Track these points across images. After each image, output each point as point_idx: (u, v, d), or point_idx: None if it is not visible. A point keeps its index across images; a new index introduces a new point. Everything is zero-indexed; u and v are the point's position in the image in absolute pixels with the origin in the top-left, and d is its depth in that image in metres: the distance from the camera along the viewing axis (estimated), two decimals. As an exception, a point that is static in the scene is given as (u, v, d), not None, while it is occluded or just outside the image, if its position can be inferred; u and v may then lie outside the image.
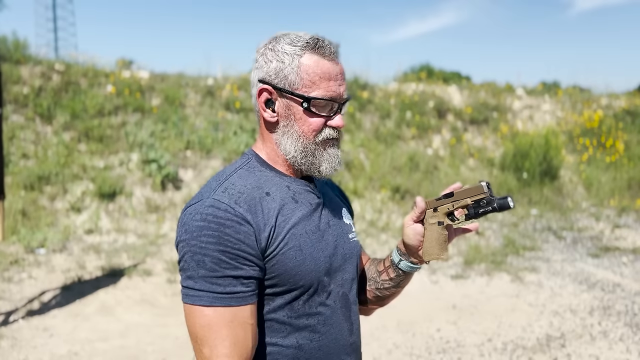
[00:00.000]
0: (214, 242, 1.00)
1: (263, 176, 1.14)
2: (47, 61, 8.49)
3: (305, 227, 1.12)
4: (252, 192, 1.08)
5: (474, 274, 5.32)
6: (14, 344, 3.68)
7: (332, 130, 1.12)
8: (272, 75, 1.11)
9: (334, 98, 1.10)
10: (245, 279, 1.02)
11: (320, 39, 1.11)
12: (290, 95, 1.10)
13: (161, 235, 6.19)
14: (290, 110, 1.11)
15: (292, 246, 1.08)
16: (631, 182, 8.76)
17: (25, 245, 5.50)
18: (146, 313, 4.29)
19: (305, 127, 1.11)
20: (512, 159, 8.78)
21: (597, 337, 3.89)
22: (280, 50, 1.11)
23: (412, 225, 1.22)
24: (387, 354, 3.63)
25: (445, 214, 1.18)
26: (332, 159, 1.14)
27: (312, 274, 1.10)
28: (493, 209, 1.13)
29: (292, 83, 1.09)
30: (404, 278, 1.29)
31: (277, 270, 1.06)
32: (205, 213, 1.02)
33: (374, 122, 9.31)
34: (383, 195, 7.63)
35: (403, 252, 1.26)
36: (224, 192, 1.06)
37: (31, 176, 6.50)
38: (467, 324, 4.15)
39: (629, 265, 5.63)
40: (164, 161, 7.07)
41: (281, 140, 1.14)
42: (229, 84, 9.08)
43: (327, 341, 1.13)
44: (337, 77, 1.10)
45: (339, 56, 1.13)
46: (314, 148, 1.12)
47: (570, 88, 12.71)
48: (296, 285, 1.08)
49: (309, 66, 1.09)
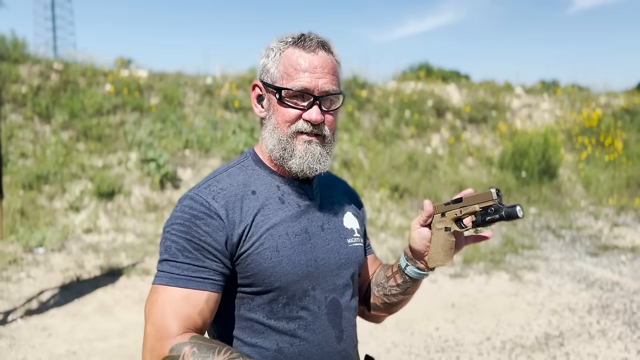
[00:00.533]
0: (183, 231, 1.04)
1: (254, 175, 1.14)
2: (46, 60, 8.48)
3: (287, 228, 1.10)
4: (235, 189, 1.10)
5: (472, 273, 5.33)
6: (13, 343, 3.67)
7: (305, 123, 1.10)
8: (261, 72, 1.14)
9: (307, 89, 1.08)
10: (206, 268, 1.04)
11: (307, 35, 1.12)
12: (270, 88, 1.12)
13: (160, 235, 6.18)
14: (271, 102, 1.12)
15: (268, 246, 1.07)
16: (630, 181, 8.77)
17: (24, 244, 5.50)
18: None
19: (279, 117, 1.11)
20: (510, 157, 8.78)
21: (595, 336, 3.90)
22: (269, 47, 1.13)
23: (419, 229, 1.19)
24: (386, 352, 3.63)
25: (453, 219, 1.15)
26: (305, 155, 1.11)
27: (289, 277, 1.08)
28: (501, 217, 1.10)
29: (272, 76, 1.11)
30: (411, 285, 1.25)
31: (251, 269, 1.06)
32: (184, 205, 1.07)
33: (372, 121, 9.31)
34: (382, 194, 7.63)
35: (410, 257, 1.23)
36: (206, 188, 1.09)
37: (30, 175, 6.49)
38: (465, 323, 4.15)
39: (628, 263, 5.64)
40: (162, 160, 7.06)
41: (265, 134, 1.15)
42: (227, 83, 9.08)
43: (309, 347, 1.11)
44: (315, 69, 1.09)
45: (328, 51, 1.12)
46: (285, 140, 1.11)
47: (569, 87, 12.71)
48: (272, 286, 1.07)
49: (287, 59, 1.10)
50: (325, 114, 1.11)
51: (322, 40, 1.12)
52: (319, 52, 1.10)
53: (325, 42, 1.12)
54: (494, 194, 1.12)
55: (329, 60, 1.11)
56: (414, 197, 7.67)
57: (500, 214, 1.10)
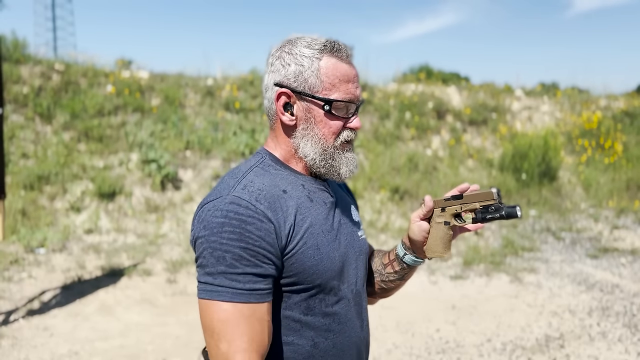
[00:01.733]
0: (236, 239, 0.99)
1: (278, 175, 1.14)
2: (47, 61, 8.49)
3: (321, 226, 1.12)
4: (270, 189, 1.08)
5: (473, 275, 5.34)
6: (15, 343, 3.68)
7: (350, 132, 1.14)
8: (290, 79, 1.11)
9: (353, 100, 1.12)
10: (264, 277, 1.02)
11: (336, 42, 1.13)
12: (310, 99, 1.10)
13: (161, 235, 6.19)
14: (310, 113, 1.12)
15: (311, 245, 1.08)
16: (630, 183, 8.78)
17: (25, 244, 5.51)
18: (146, 313, 4.29)
19: (325, 129, 1.12)
20: (511, 159, 8.79)
21: (595, 338, 3.91)
22: (299, 54, 1.11)
23: (419, 222, 1.24)
24: (387, 353, 3.64)
25: (453, 215, 1.20)
26: (350, 162, 1.15)
27: (328, 273, 1.11)
28: (500, 217, 1.15)
29: (312, 86, 1.10)
30: (408, 271, 1.31)
31: (295, 268, 1.07)
32: (226, 210, 1.01)
33: (373, 123, 9.32)
34: (382, 195, 7.64)
35: (408, 247, 1.28)
36: (243, 189, 1.05)
37: (31, 176, 6.50)
38: (466, 324, 4.16)
39: (628, 266, 5.65)
40: (163, 161, 7.07)
41: (300, 143, 1.14)
42: (228, 84, 9.09)
43: (341, 338, 1.15)
44: (354, 79, 1.12)
45: (353, 59, 1.15)
46: (332, 151, 1.13)
47: (569, 89, 12.73)
48: (313, 283, 1.09)
49: (328, 69, 1.10)
50: None
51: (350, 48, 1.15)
52: (352, 61, 1.14)
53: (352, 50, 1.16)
54: (494, 193, 1.16)
55: (356, 68, 1.16)
56: (414, 199, 7.68)
57: (501, 213, 1.14)
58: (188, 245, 5.88)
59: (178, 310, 4.35)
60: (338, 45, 1.12)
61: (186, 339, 3.80)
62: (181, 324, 4.07)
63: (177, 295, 4.65)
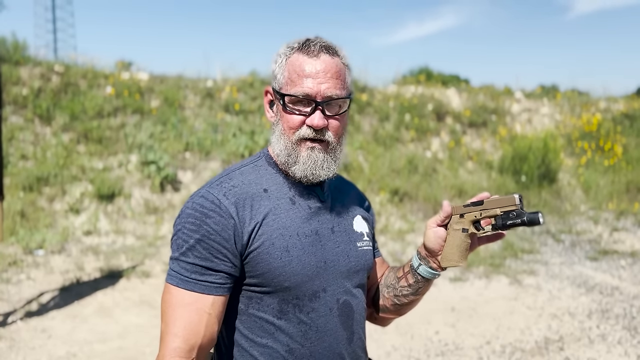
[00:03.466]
0: (194, 230, 1.05)
1: (267, 174, 1.15)
2: (47, 62, 8.49)
3: (297, 229, 1.10)
4: (247, 187, 1.10)
5: (472, 277, 5.33)
6: (12, 345, 3.67)
7: (308, 129, 1.09)
8: (271, 78, 1.16)
9: (309, 95, 1.08)
10: (214, 270, 1.05)
11: (312, 40, 1.11)
12: (277, 95, 1.13)
13: (160, 237, 6.18)
14: (278, 109, 1.14)
15: (279, 246, 1.07)
16: (629, 186, 8.78)
17: (24, 246, 5.50)
18: (145, 314, 4.28)
19: (285, 124, 1.12)
20: (510, 162, 8.79)
21: (595, 340, 3.90)
22: (279, 53, 1.14)
23: (435, 228, 1.19)
24: (386, 356, 3.63)
25: (472, 221, 1.15)
26: (308, 162, 1.11)
27: (298, 277, 1.08)
28: (522, 222, 1.10)
29: (279, 82, 1.12)
30: (422, 285, 1.24)
31: (261, 268, 1.06)
32: (196, 202, 1.08)
33: (373, 125, 9.32)
34: (382, 197, 7.64)
35: (423, 257, 1.22)
36: (218, 185, 1.10)
37: (30, 177, 6.49)
38: (465, 327, 4.15)
39: (627, 268, 5.64)
40: (163, 163, 7.06)
41: (272, 139, 1.16)
42: (228, 85, 9.09)
43: (320, 348, 1.11)
44: (318, 74, 1.08)
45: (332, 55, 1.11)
46: (291, 147, 1.12)
47: (568, 91, 12.74)
48: (281, 286, 1.07)
49: (291, 65, 1.10)
50: (329, 118, 1.11)
51: (327, 44, 1.12)
52: (322, 57, 1.10)
53: (330, 46, 1.12)
54: (517, 199, 1.12)
55: (333, 64, 1.10)
56: (413, 201, 7.68)
57: (522, 219, 1.10)
58: (187, 247, 5.87)
59: (177, 312, 4.34)
60: (310, 43, 1.11)
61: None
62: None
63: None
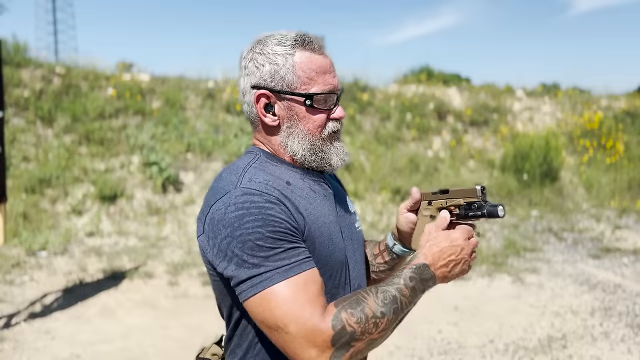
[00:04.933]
0: (261, 225, 0.96)
1: (277, 169, 1.12)
2: (48, 64, 8.51)
3: (328, 216, 1.11)
4: (275, 181, 1.07)
5: (475, 275, 5.33)
6: (16, 346, 3.68)
7: (335, 122, 1.13)
8: (267, 79, 1.09)
9: (332, 90, 1.10)
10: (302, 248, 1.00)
11: (305, 34, 1.12)
12: (290, 96, 1.09)
13: (162, 238, 6.19)
14: (293, 110, 1.10)
15: (325, 235, 1.07)
16: (631, 183, 8.77)
17: (27, 247, 5.51)
18: (147, 315, 4.29)
19: (310, 124, 1.10)
20: (512, 160, 8.78)
21: (598, 338, 3.90)
22: (271, 52, 1.09)
23: (406, 213, 1.25)
24: (389, 355, 3.63)
25: (438, 208, 1.19)
26: (339, 151, 1.15)
27: (338, 265, 1.10)
28: (482, 215, 1.11)
29: (290, 83, 1.08)
30: (397, 261, 1.32)
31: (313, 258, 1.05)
32: (241, 202, 0.98)
33: (374, 124, 9.32)
34: (383, 196, 7.64)
35: (397, 238, 1.29)
36: (249, 181, 1.03)
37: (32, 179, 6.51)
38: (468, 325, 4.15)
39: (630, 266, 5.64)
40: (164, 164, 7.08)
41: (287, 142, 1.12)
42: (229, 86, 9.10)
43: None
44: (330, 69, 1.11)
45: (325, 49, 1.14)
46: (321, 144, 1.12)
47: (569, 89, 12.71)
48: (325, 275, 1.05)
49: (303, 63, 1.08)
50: None
51: (321, 38, 1.15)
52: (324, 52, 1.13)
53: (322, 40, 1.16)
54: (478, 191, 1.13)
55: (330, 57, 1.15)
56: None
57: (482, 211, 1.11)
58: (189, 247, 5.89)
59: (179, 312, 4.35)
60: (309, 38, 1.10)
61: (188, 342, 3.80)
62: (183, 327, 4.07)
63: (179, 298, 4.65)
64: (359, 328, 0.94)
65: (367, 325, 0.95)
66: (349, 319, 0.93)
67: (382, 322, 0.96)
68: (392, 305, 0.97)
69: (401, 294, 0.99)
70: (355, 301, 0.96)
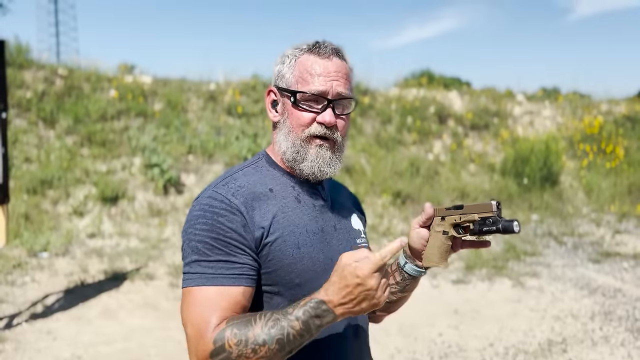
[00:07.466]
0: (207, 230, 1.04)
1: (270, 175, 1.16)
2: (50, 66, 8.53)
3: (306, 226, 1.13)
4: (253, 187, 1.11)
5: (475, 279, 5.34)
6: (18, 347, 3.69)
7: (319, 126, 1.12)
8: (275, 77, 1.18)
9: (322, 93, 1.12)
10: (239, 264, 1.04)
11: (322, 42, 1.15)
12: (285, 93, 1.14)
13: (163, 239, 6.20)
14: (285, 106, 1.15)
15: (290, 243, 1.09)
16: (631, 188, 8.78)
17: (28, 248, 5.52)
18: (149, 316, 4.30)
19: (294, 121, 1.14)
20: (512, 164, 8.80)
21: (598, 342, 3.91)
22: (285, 54, 1.17)
23: (418, 229, 1.23)
24: (389, 358, 3.64)
25: (452, 225, 1.18)
26: (317, 159, 1.13)
27: (309, 274, 1.10)
28: (497, 230, 1.12)
29: (287, 81, 1.14)
30: (409, 282, 1.28)
31: (272, 265, 1.08)
32: (203, 204, 1.08)
33: (375, 127, 9.34)
34: (384, 200, 7.65)
35: (409, 255, 1.26)
36: (224, 185, 1.10)
37: (34, 180, 6.53)
38: (468, 329, 4.16)
39: (630, 270, 5.65)
40: (166, 165, 7.09)
41: (277, 138, 1.17)
42: (231, 88, 9.12)
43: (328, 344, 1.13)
44: (330, 73, 1.12)
45: (341, 58, 1.16)
46: (299, 144, 1.13)
47: (570, 94, 12.73)
48: (292, 283, 1.08)
49: (303, 64, 1.13)
50: (337, 117, 1.15)
51: (336, 47, 1.17)
52: (333, 59, 1.14)
53: (339, 49, 1.17)
54: (494, 206, 1.14)
55: (343, 66, 1.16)
56: (416, 203, 7.69)
57: (497, 226, 1.12)
58: (190, 249, 5.89)
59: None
60: (321, 44, 1.14)
61: (189, 343, 3.81)
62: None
63: (180, 299, 4.66)
64: (237, 350, 0.96)
65: (245, 349, 0.96)
66: (230, 339, 0.97)
67: (262, 350, 0.96)
68: (277, 336, 0.96)
69: (290, 326, 0.96)
70: (245, 322, 0.98)
